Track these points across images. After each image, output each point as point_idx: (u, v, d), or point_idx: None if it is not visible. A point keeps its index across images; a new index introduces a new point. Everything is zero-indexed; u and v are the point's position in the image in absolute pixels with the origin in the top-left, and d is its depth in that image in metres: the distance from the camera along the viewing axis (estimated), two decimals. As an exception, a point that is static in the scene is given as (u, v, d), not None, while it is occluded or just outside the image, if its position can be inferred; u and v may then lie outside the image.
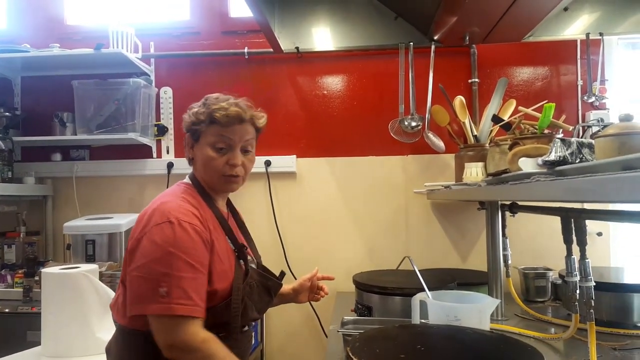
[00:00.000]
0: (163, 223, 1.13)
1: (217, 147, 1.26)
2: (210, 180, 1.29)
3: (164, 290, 1.07)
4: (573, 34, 2.35)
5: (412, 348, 1.02)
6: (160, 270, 1.09)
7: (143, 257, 1.11)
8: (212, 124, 1.25)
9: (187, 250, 1.12)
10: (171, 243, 1.11)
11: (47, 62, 2.51)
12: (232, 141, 1.27)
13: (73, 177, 2.60)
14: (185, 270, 1.10)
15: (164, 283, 1.08)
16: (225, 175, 1.27)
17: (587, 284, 1.23)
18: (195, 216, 1.18)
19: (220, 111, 1.25)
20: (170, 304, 1.07)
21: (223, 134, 1.26)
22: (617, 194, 0.62)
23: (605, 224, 2.34)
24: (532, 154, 1.13)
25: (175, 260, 1.10)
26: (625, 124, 0.76)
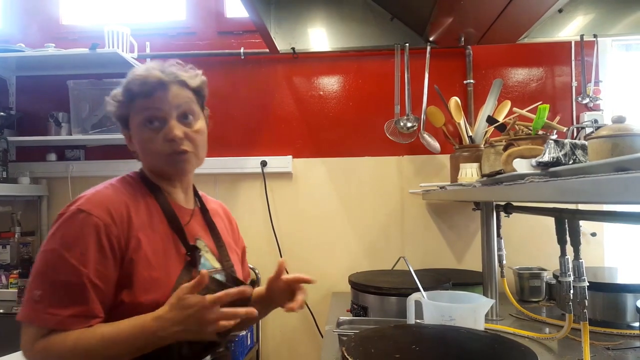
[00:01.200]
0: (63, 214, 0.98)
1: (149, 125, 1.05)
2: (156, 166, 1.10)
3: (36, 295, 0.92)
4: (567, 35, 2.36)
5: (407, 348, 1.03)
6: (39, 270, 0.94)
7: (39, 255, 0.97)
8: (133, 100, 1.06)
9: (72, 246, 0.93)
10: (57, 238, 0.95)
11: (42, 61, 2.50)
12: (161, 111, 1.05)
13: (68, 177, 2.59)
14: (64, 272, 0.92)
15: (40, 286, 0.92)
16: (168, 154, 1.06)
17: (580, 284, 1.24)
18: (103, 205, 0.98)
19: (135, 81, 1.05)
20: (39, 311, 0.91)
21: (149, 106, 1.05)
22: (610, 195, 0.62)
23: (599, 225, 2.36)
24: (526, 155, 1.14)
25: (56, 259, 0.92)
26: (617, 126, 0.76)
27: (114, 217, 0.98)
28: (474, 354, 1.04)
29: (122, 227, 0.98)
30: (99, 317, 0.95)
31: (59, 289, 0.92)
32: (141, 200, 1.07)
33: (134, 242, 0.99)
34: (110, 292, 0.96)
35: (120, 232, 0.98)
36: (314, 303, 2.48)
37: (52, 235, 0.96)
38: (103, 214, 0.97)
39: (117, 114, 1.11)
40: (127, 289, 0.96)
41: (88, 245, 0.94)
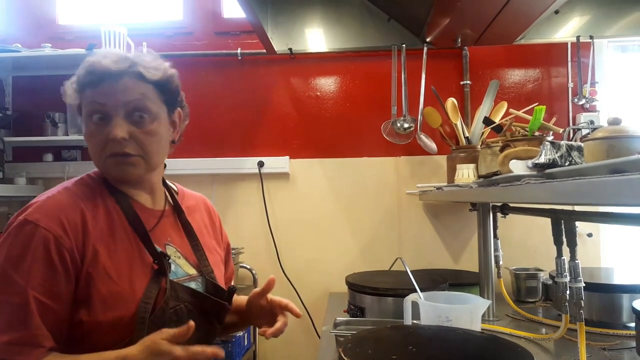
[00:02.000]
0: (8, 225, 0.88)
1: (94, 119, 0.93)
2: (99, 167, 0.98)
3: None
4: (564, 36, 2.37)
5: (403, 349, 1.03)
6: None
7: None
8: (83, 89, 0.95)
9: (16, 262, 0.82)
10: (2, 254, 0.84)
11: (38, 62, 2.49)
12: (105, 106, 0.92)
13: (65, 177, 2.57)
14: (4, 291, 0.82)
15: None
16: (108, 155, 0.93)
17: (577, 285, 1.24)
18: (53, 214, 0.87)
19: (84, 69, 0.94)
20: None
21: (94, 99, 0.93)
22: (606, 197, 0.63)
23: (595, 225, 2.36)
24: (522, 156, 1.15)
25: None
26: (613, 128, 0.77)
27: (65, 228, 0.86)
28: (471, 355, 1.04)
29: (76, 238, 0.87)
30: (43, 347, 0.81)
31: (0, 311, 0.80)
32: (100, 204, 0.94)
33: (90, 254, 0.87)
34: (64, 311, 0.85)
35: (73, 244, 0.86)
36: (310, 303, 2.48)
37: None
38: (53, 224, 0.85)
39: (74, 105, 0.99)
40: (85, 306, 0.86)
41: (35, 261, 0.82)
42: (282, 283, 2.46)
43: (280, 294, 1.12)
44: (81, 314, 0.85)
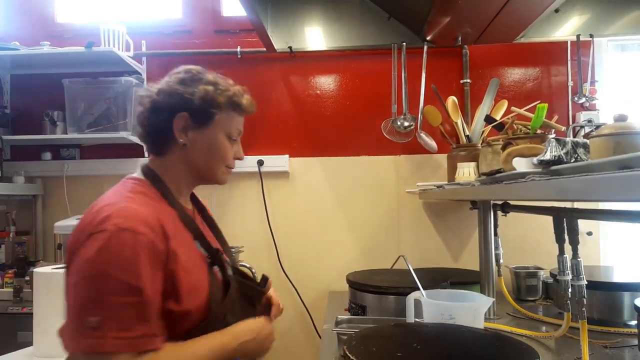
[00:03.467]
0: (98, 233, 0.90)
1: (231, 137, 1.13)
2: (210, 169, 1.12)
3: (94, 321, 0.85)
4: (564, 35, 2.37)
5: (408, 346, 1.03)
6: (89, 295, 0.87)
7: (72, 278, 0.90)
8: (233, 110, 1.12)
9: (126, 267, 0.89)
10: (105, 259, 0.88)
11: (37, 60, 2.48)
12: (241, 133, 1.17)
13: (63, 176, 2.57)
14: (123, 293, 0.87)
15: (94, 313, 0.85)
16: (229, 167, 1.16)
17: (579, 283, 1.24)
18: (142, 220, 0.94)
19: (242, 97, 1.14)
20: (103, 338, 0.84)
21: (239, 124, 1.15)
22: (613, 193, 0.63)
23: (595, 224, 2.37)
24: (526, 154, 1.14)
25: (109, 281, 0.87)
26: (620, 124, 0.77)
27: (155, 232, 0.95)
28: (476, 352, 1.04)
29: (162, 240, 0.95)
30: (161, 336, 0.93)
31: (121, 311, 0.87)
32: (163, 208, 1.04)
33: (172, 253, 0.97)
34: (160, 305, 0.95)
35: (161, 245, 0.95)
36: (310, 302, 2.47)
37: (94, 257, 0.88)
38: (147, 230, 0.93)
39: (210, 111, 1.09)
40: (173, 298, 0.96)
41: (142, 264, 0.90)
42: (282, 282, 2.46)
43: (279, 292, 1.13)
44: (170, 305, 0.96)
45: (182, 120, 1.08)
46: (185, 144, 1.09)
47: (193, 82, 1.10)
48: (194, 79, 1.11)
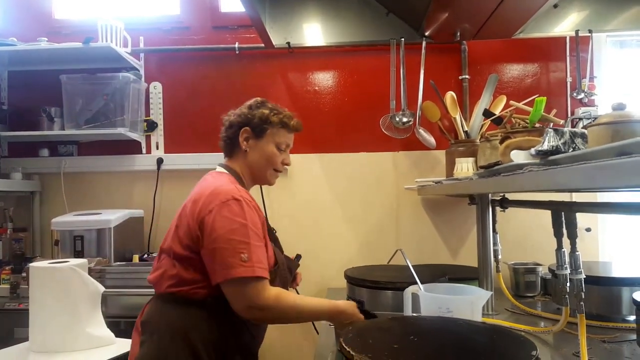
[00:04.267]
0: (229, 200, 1.28)
1: (280, 147, 1.50)
2: (261, 171, 1.50)
3: (245, 256, 1.23)
4: (562, 31, 2.37)
5: (405, 339, 1.02)
6: (239, 239, 1.24)
7: (219, 230, 1.25)
8: (282, 128, 1.49)
9: (254, 223, 1.29)
10: (242, 216, 1.27)
11: (34, 56, 2.47)
12: (289, 146, 1.54)
13: (61, 172, 2.57)
14: (256, 239, 1.27)
15: (244, 250, 1.23)
16: (277, 170, 1.52)
17: (577, 277, 1.23)
18: (250, 199, 1.35)
19: (290, 120, 1.51)
20: (253, 267, 1.23)
21: (287, 139, 1.51)
22: (612, 180, 0.62)
23: (594, 220, 2.37)
24: (524, 147, 1.14)
25: (248, 230, 1.26)
26: (618, 113, 0.76)
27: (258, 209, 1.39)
28: (473, 344, 1.03)
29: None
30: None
31: (257, 252, 1.26)
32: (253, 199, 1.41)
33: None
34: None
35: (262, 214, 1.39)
36: (309, 299, 2.46)
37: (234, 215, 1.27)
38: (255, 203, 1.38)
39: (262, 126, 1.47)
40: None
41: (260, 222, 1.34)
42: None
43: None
44: None
45: (245, 133, 1.47)
46: (246, 150, 1.48)
47: (257, 107, 1.50)
48: (257, 105, 1.51)
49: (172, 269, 1.33)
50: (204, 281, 1.30)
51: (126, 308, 1.96)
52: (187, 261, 1.31)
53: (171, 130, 2.61)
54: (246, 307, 1.24)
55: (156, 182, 2.55)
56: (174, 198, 2.56)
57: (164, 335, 1.29)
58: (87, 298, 1.57)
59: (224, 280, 1.24)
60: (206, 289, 1.30)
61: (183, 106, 2.61)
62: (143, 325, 1.35)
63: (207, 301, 1.30)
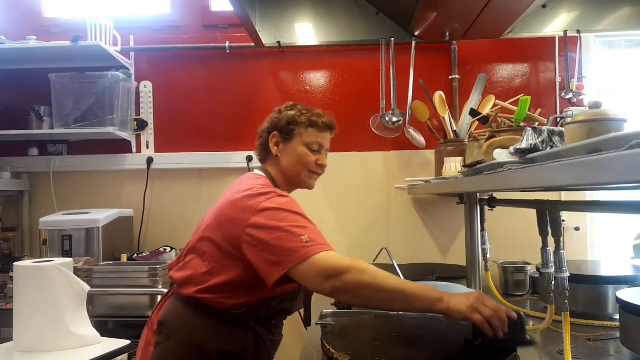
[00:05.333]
0: (270, 194, 1.26)
1: (311, 148, 1.44)
2: (296, 174, 1.46)
3: (305, 238, 1.18)
4: (551, 31, 2.38)
5: (386, 336, 1.03)
6: (295, 224, 1.20)
7: (271, 221, 1.20)
8: (310, 127, 1.44)
9: (302, 212, 1.27)
10: (290, 205, 1.25)
11: (23, 54, 2.45)
12: (322, 145, 1.47)
13: (50, 172, 2.55)
14: (310, 224, 1.25)
15: (304, 232, 1.19)
16: (312, 171, 1.47)
17: (561, 275, 1.24)
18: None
19: (319, 118, 1.46)
20: (316, 245, 1.18)
21: (318, 138, 1.45)
22: (585, 177, 0.62)
23: (582, 219, 2.38)
24: (507, 145, 1.14)
25: (300, 217, 1.24)
26: (594, 111, 0.76)
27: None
28: (453, 340, 1.04)
29: None
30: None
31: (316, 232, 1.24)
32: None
33: None
34: None
35: None
36: (299, 298, 2.46)
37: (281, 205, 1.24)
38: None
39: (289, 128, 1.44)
40: None
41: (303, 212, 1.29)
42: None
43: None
44: None
45: (274, 137, 1.45)
46: (277, 155, 1.45)
47: (285, 110, 1.48)
48: (286, 108, 1.48)
49: (202, 274, 1.28)
50: (232, 291, 1.26)
51: (113, 307, 1.95)
52: (221, 267, 1.26)
53: (161, 129, 2.61)
54: (325, 278, 1.14)
55: (146, 181, 2.55)
56: (164, 197, 2.56)
57: (181, 342, 1.26)
58: (72, 297, 1.56)
59: (291, 268, 1.15)
60: (233, 299, 1.26)
61: (173, 105, 2.61)
62: (160, 325, 1.30)
63: (230, 313, 1.27)
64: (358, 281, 1.13)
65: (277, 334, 1.42)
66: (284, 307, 1.39)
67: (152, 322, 1.36)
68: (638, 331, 1.23)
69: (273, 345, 1.40)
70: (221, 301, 1.26)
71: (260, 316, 1.33)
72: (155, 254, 2.36)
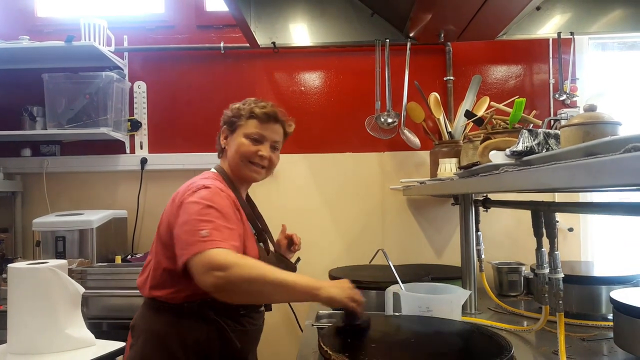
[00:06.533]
0: (199, 189, 1.28)
1: (251, 138, 1.43)
2: (236, 166, 1.44)
3: (205, 232, 1.17)
4: (545, 33, 2.39)
5: (382, 337, 1.03)
6: (201, 219, 1.20)
7: (186, 215, 1.23)
8: (251, 118, 1.44)
9: (222, 207, 1.25)
10: (209, 199, 1.24)
11: (16, 54, 2.43)
12: (264, 137, 1.45)
13: (43, 173, 2.54)
14: (222, 220, 1.22)
15: (205, 227, 1.18)
16: (252, 162, 1.43)
17: (556, 276, 1.25)
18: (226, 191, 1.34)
19: (261, 108, 1.45)
20: (212, 240, 1.15)
21: (258, 129, 1.43)
22: (581, 180, 0.63)
23: (576, 220, 2.39)
24: (502, 147, 1.14)
25: (213, 211, 1.22)
26: (589, 114, 0.77)
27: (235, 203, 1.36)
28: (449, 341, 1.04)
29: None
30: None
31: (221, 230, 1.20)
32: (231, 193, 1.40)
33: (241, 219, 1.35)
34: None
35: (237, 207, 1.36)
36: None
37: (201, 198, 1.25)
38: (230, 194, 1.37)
39: (232, 120, 1.46)
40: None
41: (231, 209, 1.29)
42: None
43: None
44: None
45: (224, 132, 1.49)
46: (224, 147, 1.48)
47: (235, 105, 1.49)
48: (244, 102, 1.49)
49: (152, 270, 1.34)
50: (177, 283, 1.28)
51: (108, 309, 1.94)
52: (162, 258, 1.31)
53: (155, 130, 2.60)
54: (206, 271, 1.11)
55: (140, 182, 2.54)
56: (158, 198, 2.55)
57: (146, 341, 1.31)
58: (66, 299, 1.55)
59: (186, 261, 1.16)
60: (182, 292, 1.28)
61: (167, 106, 2.60)
62: (132, 329, 1.38)
63: (183, 306, 1.29)
64: (239, 276, 1.12)
65: (250, 324, 1.39)
66: None
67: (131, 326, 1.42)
68: (631, 331, 1.25)
69: (243, 336, 1.36)
70: (173, 296, 1.29)
71: (222, 308, 1.30)
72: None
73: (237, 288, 1.12)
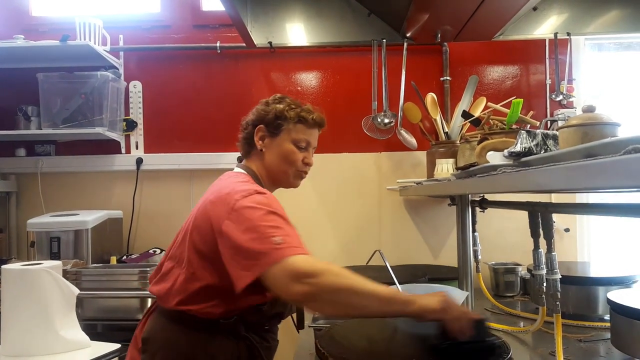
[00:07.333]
0: (250, 194, 1.17)
1: (299, 145, 1.37)
2: (280, 172, 1.39)
3: (278, 239, 1.09)
4: (542, 33, 2.39)
5: (378, 338, 1.02)
6: (269, 225, 1.11)
7: (246, 222, 1.12)
8: (299, 123, 1.37)
9: (281, 211, 1.19)
10: (268, 205, 1.16)
11: (10, 53, 2.41)
12: (310, 143, 1.41)
13: (38, 173, 2.52)
14: (288, 226, 1.16)
15: (276, 233, 1.10)
16: (299, 170, 1.40)
17: (553, 277, 1.24)
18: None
19: (309, 114, 1.38)
20: (289, 247, 1.08)
21: (306, 135, 1.38)
22: (580, 182, 0.62)
23: (573, 221, 2.39)
24: (499, 148, 1.14)
25: (277, 217, 1.15)
26: (588, 115, 0.77)
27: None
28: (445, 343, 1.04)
29: None
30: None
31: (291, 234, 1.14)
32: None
33: None
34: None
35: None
36: (291, 300, 2.45)
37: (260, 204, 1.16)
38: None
39: (276, 122, 1.36)
40: None
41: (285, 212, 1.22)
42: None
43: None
44: None
45: (260, 131, 1.37)
46: (262, 149, 1.37)
47: (273, 103, 1.39)
48: (274, 101, 1.40)
49: (182, 282, 1.20)
50: (217, 298, 1.18)
51: (103, 310, 1.92)
52: (200, 272, 1.19)
53: (151, 130, 2.58)
54: (293, 280, 1.03)
55: (135, 182, 2.52)
56: (154, 199, 2.54)
57: (166, 358, 1.20)
58: (61, 301, 1.54)
59: (261, 273, 1.05)
60: (220, 307, 1.19)
61: (163, 106, 2.58)
62: (145, 342, 1.24)
63: (219, 322, 1.20)
64: (332, 284, 1.03)
65: (272, 339, 1.35)
66: (277, 311, 1.31)
67: (136, 339, 1.30)
68: (628, 332, 1.24)
69: (268, 352, 1.31)
70: (209, 311, 1.18)
71: (252, 323, 1.25)
72: (145, 255, 2.34)
73: (328, 296, 1.05)
